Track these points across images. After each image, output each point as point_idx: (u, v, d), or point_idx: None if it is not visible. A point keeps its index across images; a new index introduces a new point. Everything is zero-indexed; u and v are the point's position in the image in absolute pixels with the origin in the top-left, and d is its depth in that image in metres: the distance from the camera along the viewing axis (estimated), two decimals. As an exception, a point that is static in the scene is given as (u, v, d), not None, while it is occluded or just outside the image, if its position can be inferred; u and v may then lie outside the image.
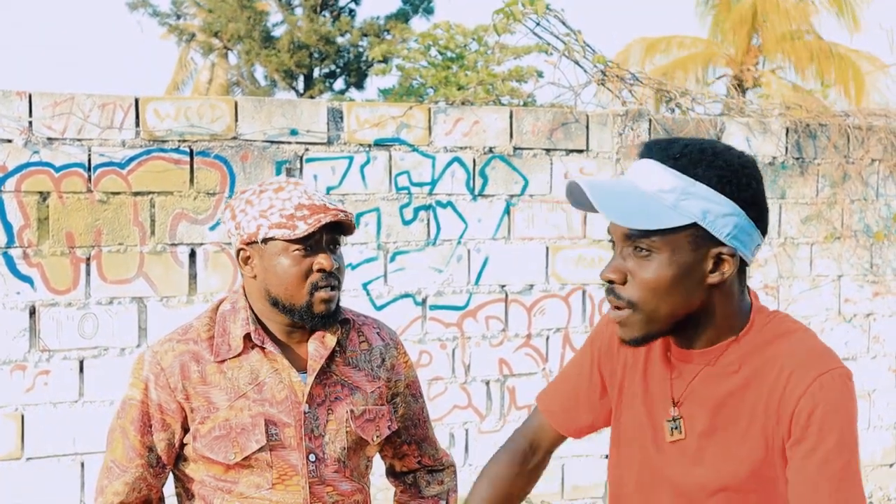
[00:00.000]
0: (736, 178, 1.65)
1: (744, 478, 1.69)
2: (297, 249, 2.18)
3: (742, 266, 1.72)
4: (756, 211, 1.67)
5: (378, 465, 2.55)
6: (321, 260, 2.20)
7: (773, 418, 1.66)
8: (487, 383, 5.08)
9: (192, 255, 4.50)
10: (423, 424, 2.47)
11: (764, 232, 1.71)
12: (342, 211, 2.21)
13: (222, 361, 2.22)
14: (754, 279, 5.58)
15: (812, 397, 1.61)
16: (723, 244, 1.66)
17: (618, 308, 1.70)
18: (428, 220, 4.94)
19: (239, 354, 2.23)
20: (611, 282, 1.71)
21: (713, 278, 1.67)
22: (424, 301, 4.95)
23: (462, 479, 5.00)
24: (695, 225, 1.64)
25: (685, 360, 1.76)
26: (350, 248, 4.76)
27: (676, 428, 1.75)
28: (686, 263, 1.66)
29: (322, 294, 2.21)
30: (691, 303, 1.68)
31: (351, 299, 4.72)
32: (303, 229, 2.16)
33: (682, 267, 1.66)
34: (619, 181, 1.73)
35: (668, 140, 1.71)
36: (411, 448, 2.47)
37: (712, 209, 1.64)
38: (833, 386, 1.62)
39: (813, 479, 1.61)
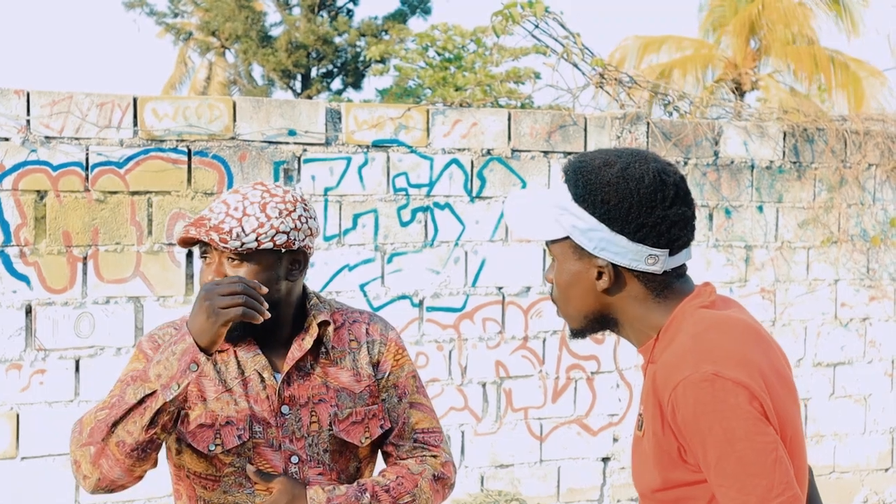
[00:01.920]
0: (591, 195, 1.76)
1: (659, 482, 1.76)
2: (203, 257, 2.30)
3: (646, 274, 1.79)
4: (620, 225, 1.75)
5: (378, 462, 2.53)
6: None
7: (667, 426, 1.72)
8: (484, 385, 5.08)
9: (190, 254, 4.49)
10: (402, 427, 2.36)
11: (660, 244, 1.76)
12: (213, 230, 2.20)
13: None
14: (751, 283, 5.59)
15: (675, 411, 1.68)
16: (596, 256, 1.78)
17: (554, 304, 1.92)
18: (425, 222, 4.94)
19: (227, 349, 2.24)
20: (549, 282, 1.91)
21: (600, 286, 1.80)
22: (421, 302, 4.95)
23: (458, 481, 4.99)
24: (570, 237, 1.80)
25: (643, 358, 1.88)
26: (347, 249, 4.76)
27: (640, 426, 1.85)
28: (574, 271, 1.82)
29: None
30: (592, 305, 1.83)
31: (348, 300, 4.72)
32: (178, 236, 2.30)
33: (571, 274, 1.82)
34: (538, 194, 1.90)
35: (577, 155, 1.86)
36: (389, 448, 2.37)
37: (578, 224, 1.78)
38: (682, 395, 1.67)
39: (715, 489, 1.68)
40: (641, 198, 1.74)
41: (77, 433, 2.14)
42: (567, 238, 1.80)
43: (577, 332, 1.89)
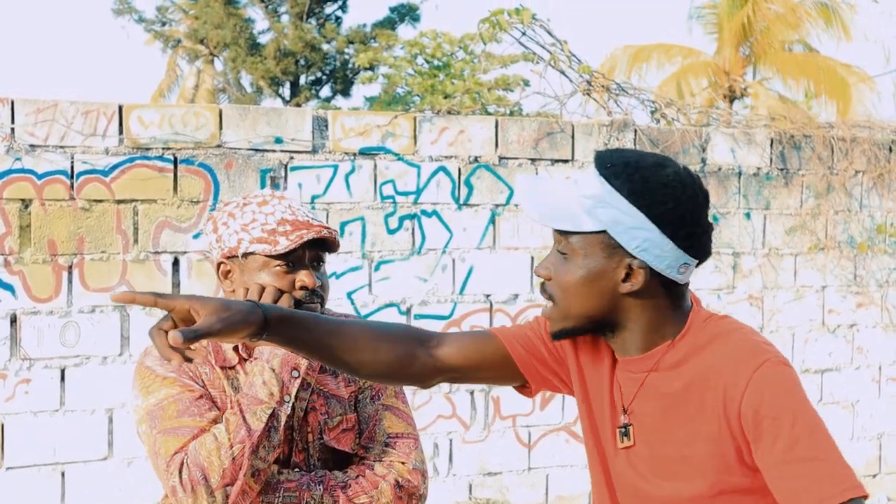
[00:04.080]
0: (650, 194, 1.68)
1: (709, 490, 1.70)
2: (279, 265, 2.15)
3: (669, 281, 1.74)
4: (672, 229, 1.69)
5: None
6: (303, 277, 2.16)
7: (722, 425, 1.67)
8: (472, 393, 5.07)
9: (176, 263, 4.47)
10: (373, 429, 2.27)
11: (697, 254, 1.74)
12: (326, 227, 2.17)
13: (222, 369, 2.19)
14: (739, 289, 5.59)
15: (752, 395, 1.63)
16: (633, 256, 1.70)
17: (549, 300, 1.80)
18: (413, 229, 4.93)
19: (233, 366, 2.20)
20: (545, 278, 1.79)
21: (625, 287, 1.72)
22: (409, 310, 4.93)
23: (446, 489, 4.98)
24: (606, 233, 1.70)
25: (629, 367, 1.79)
26: (335, 257, 4.74)
27: (626, 435, 1.79)
28: (597, 269, 1.72)
29: (304, 308, 2.18)
30: (603, 306, 1.74)
31: (336, 309, 4.70)
32: (284, 245, 2.12)
33: (592, 271, 1.72)
34: (557, 183, 1.83)
35: (616, 150, 1.77)
36: (360, 450, 2.28)
37: (622, 220, 1.69)
38: (769, 375, 1.64)
39: (786, 468, 1.61)
40: (693, 205, 1.71)
41: (196, 482, 2.03)
42: (601, 232, 1.71)
43: (564, 333, 1.80)
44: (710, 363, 1.70)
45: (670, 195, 1.68)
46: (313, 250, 2.19)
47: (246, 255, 2.16)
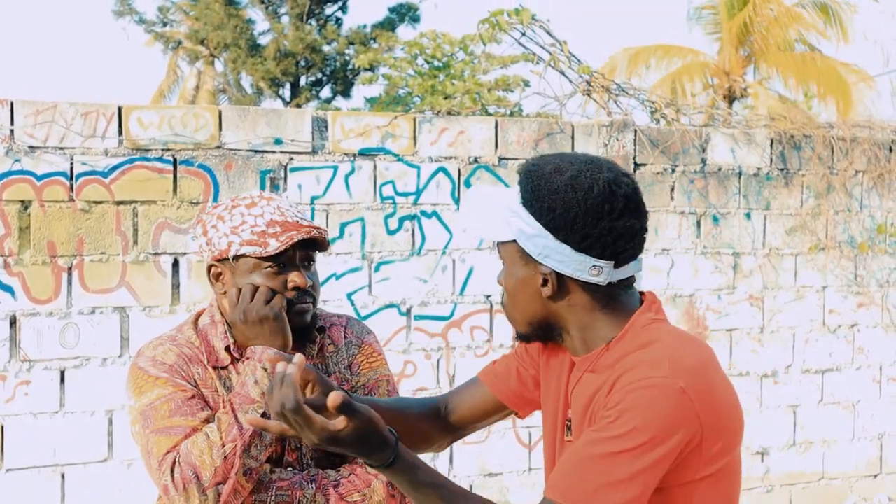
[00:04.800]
0: (538, 201, 1.73)
1: None
2: (270, 267, 2.15)
3: (591, 284, 1.75)
4: (565, 234, 1.71)
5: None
6: (294, 277, 2.17)
7: None
8: (472, 394, 5.06)
9: (175, 264, 4.47)
10: None
11: (606, 255, 1.72)
12: (315, 227, 2.18)
13: (214, 369, 2.20)
14: (739, 290, 5.59)
15: (622, 394, 1.65)
16: (540, 262, 1.75)
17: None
18: (413, 230, 4.92)
19: (226, 366, 2.21)
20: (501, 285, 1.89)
21: (545, 293, 1.76)
22: (409, 311, 4.93)
23: (446, 491, 4.97)
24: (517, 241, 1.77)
25: (578, 367, 1.84)
26: (334, 258, 4.74)
27: (569, 430, 1.83)
28: (521, 276, 1.79)
29: (296, 307, 2.19)
30: (537, 312, 1.80)
31: (336, 310, 4.69)
32: (274, 247, 2.13)
33: (517, 279, 1.80)
34: (498, 193, 1.86)
35: (537, 158, 1.82)
36: None
37: (525, 229, 1.75)
38: (648, 392, 1.64)
39: (574, 450, 1.66)
40: (588, 208, 1.71)
41: (188, 481, 2.04)
42: (515, 241, 1.78)
43: (522, 337, 1.87)
44: (618, 370, 1.72)
45: (559, 201, 1.71)
46: (304, 250, 2.19)
47: (236, 257, 2.16)
